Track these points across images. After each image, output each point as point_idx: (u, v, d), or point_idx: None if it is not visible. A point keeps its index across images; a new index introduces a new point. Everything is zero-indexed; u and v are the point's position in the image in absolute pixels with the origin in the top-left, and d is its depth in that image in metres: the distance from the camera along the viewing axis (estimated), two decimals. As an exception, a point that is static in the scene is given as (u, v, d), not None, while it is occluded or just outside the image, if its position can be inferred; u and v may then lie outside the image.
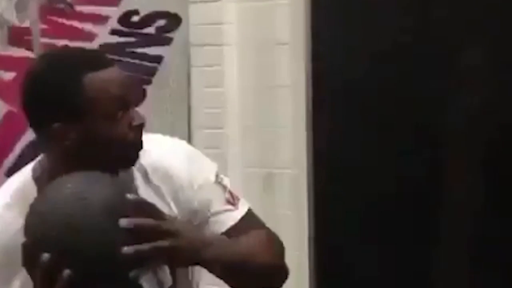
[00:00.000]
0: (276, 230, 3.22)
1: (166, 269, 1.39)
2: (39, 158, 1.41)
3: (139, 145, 1.32)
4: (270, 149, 2.97)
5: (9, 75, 3.78)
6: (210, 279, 1.59)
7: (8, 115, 3.79)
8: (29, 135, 3.64)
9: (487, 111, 2.66)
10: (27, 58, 3.70)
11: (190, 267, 1.52)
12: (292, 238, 3.01)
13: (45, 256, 1.13)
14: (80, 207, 1.17)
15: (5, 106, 3.79)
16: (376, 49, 2.78)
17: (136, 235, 1.16)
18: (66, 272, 1.13)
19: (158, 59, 3.18)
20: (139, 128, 1.32)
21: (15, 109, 3.77)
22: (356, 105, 2.83)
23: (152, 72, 3.20)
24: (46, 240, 1.16)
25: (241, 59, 3.00)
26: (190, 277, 1.52)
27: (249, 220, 1.51)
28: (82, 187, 1.20)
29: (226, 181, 1.48)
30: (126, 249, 1.14)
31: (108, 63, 1.31)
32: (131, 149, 1.32)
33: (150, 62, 3.20)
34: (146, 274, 1.33)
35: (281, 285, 1.40)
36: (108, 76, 1.29)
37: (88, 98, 1.27)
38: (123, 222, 1.15)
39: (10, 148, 3.82)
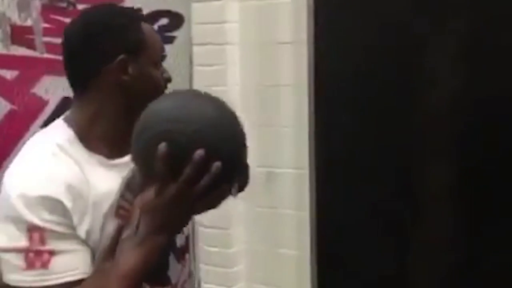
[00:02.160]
0: (278, 229, 3.24)
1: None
2: (64, 119, 1.47)
3: None
4: (272, 148, 2.97)
5: (11, 74, 3.78)
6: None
7: (10, 114, 3.79)
8: (32, 134, 3.64)
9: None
10: (29, 57, 3.71)
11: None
12: (293, 237, 3.01)
13: (198, 152, 1.23)
14: (210, 103, 1.32)
15: (7, 105, 3.79)
16: (379, 48, 2.77)
17: None
18: (216, 164, 1.24)
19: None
20: (168, 81, 1.51)
21: (17, 108, 3.78)
22: (358, 105, 2.83)
23: (154, 71, 3.20)
24: (195, 137, 1.25)
25: (243, 58, 3.00)
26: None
27: None
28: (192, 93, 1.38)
29: None
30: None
31: (146, 20, 1.48)
32: None
33: (152, 61, 3.21)
34: None
35: None
36: (153, 29, 1.48)
37: (145, 40, 1.44)
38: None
39: (12, 147, 3.83)
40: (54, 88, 3.58)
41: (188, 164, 1.24)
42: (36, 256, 1.30)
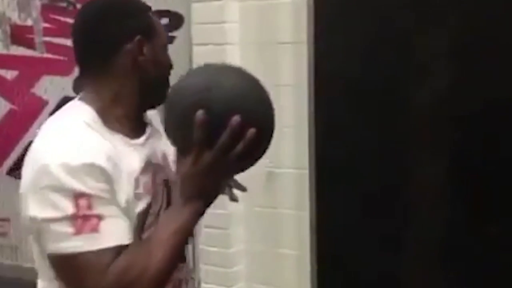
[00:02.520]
0: (278, 229, 3.24)
1: None
2: (82, 100, 1.50)
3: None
4: (272, 148, 2.96)
5: (11, 74, 3.78)
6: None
7: (10, 113, 3.80)
8: (31, 133, 3.64)
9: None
10: (29, 57, 3.71)
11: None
12: (293, 237, 3.01)
13: (235, 118, 1.29)
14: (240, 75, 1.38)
15: (7, 104, 3.80)
16: (378, 48, 2.77)
17: None
18: (251, 130, 1.31)
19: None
20: (171, 68, 1.56)
21: (17, 108, 3.78)
22: (358, 105, 2.83)
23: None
24: (230, 105, 1.30)
25: (243, 58, 3.00)
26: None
27: None
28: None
29: None
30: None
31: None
32: (168, 84, 1.53)
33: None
34: None
35: None
36: (158, 18, 1.57)
37: (155, 25, 1.52)
38: None
39: (12, 146, 3.83)
40: (54, 88, 3.58)
41: (223, 131, 1.30)
42: (84, 221, 1.31)
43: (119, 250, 1.33)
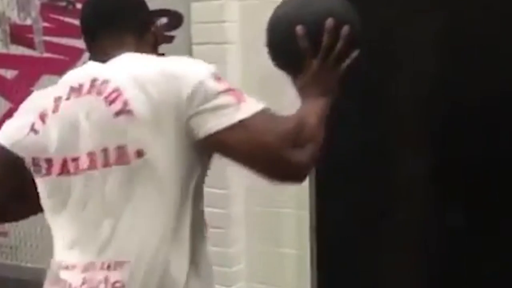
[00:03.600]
0: (277, 228, 3.23)
1: None
2: None
3: None
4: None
5: (10, 73, 3.78)
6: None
7: (10, 112, 3.79)
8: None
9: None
10: (28, 56, 3.71)
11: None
12: (293, 236, 3.01)
13: (329, 21, 1.56)
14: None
15: (6, 104, 3.80)
16: (377, 47, 2.77)
17: None
18: (345, 28, 1.57)
19: (160, 57, 3.19)
20: None
21: (16, 107, 3.78)
22: (358, 103, 2.83)
23: (154, 70, 3.20)
24: (324, 14, 1.57)
25: (243, 57, 2.99)
26: None
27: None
28: None
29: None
30: None
31: None
32: None
33: (152, 60, 3.21)
34: None
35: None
36: None
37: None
38: None
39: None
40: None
41: (322, 37, 1.56)
42: (236, 92, 1.55)
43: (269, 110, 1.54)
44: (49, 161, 1.54)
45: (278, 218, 3.02)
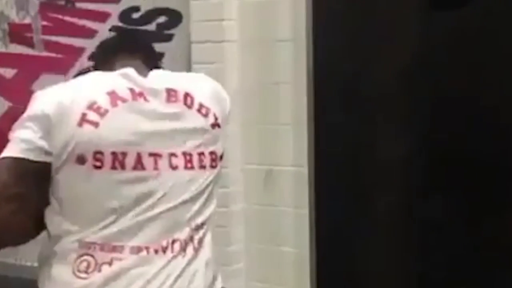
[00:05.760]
0: (277, 227, 3.23)
1: None
2: None
3: None
4: (271, 146, 2.97)
5: (9, 72, 3.78)
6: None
7: (9, 111, 3.79)
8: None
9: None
10: (27, 55, 3.70)
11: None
12: (292, 235, 3.01)
13: None
14: None
15: (5, 103, 3.79)
16: (377, 46, 2.77)
17: None
18: None
19: (158, 56, 3.18)
20: None
21: (16, 106, 3.78)
22: (357, 102, 2.83)
23: (153, 69, 3.20)
24: None
25: (242, 56, 2.99)
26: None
27: None
28: None
29: None
30: None
31: None
32: None
33: (150, 59, 3.21)
34: None
35: None
36: None
37: None
38: None
39: (11, 145, 3.81)
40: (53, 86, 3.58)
41: None
42: None
43: None
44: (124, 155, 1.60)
45: (277, 216, 3.02)
